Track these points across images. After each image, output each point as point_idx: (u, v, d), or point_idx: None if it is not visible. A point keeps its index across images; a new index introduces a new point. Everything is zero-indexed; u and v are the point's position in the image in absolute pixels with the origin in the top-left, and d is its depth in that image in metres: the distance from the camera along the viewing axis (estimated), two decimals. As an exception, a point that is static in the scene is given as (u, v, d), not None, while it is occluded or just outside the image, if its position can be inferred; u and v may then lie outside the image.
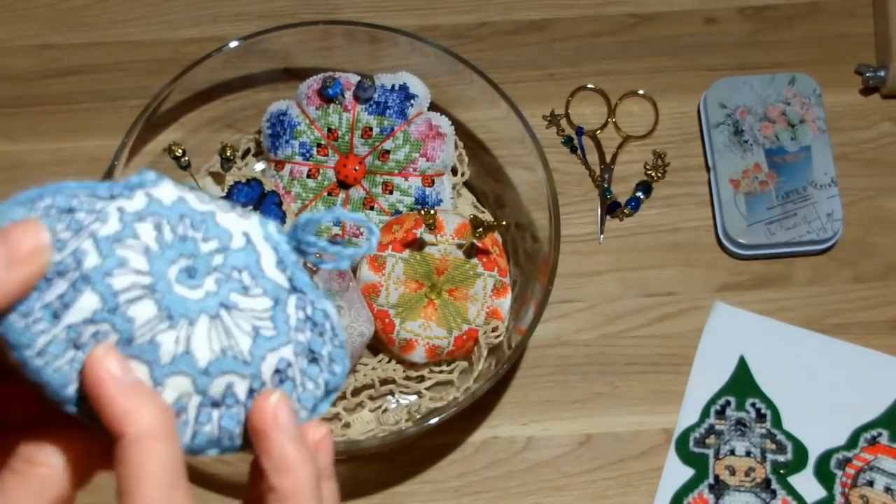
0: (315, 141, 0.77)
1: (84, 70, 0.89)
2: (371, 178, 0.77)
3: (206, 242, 0.38)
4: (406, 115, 0.77)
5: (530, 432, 0.79)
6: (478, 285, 0.75)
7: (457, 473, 0.78)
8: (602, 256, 0.84)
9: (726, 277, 0.83)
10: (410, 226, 0.74)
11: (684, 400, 0.79)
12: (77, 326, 0.37)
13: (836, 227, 0.82)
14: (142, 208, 0.38)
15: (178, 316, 0.37)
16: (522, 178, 0.79)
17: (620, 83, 0.89)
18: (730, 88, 0.86)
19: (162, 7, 0.91)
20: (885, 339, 0.82)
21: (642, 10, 0.91)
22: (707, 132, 0.86)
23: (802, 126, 0.85)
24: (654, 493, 0.77)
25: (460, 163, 0.81)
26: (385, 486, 0.78)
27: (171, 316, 0.37)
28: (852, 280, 0.83)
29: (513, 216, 0.80)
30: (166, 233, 0.38)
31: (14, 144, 0.87)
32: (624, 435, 0.79)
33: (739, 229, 0.82)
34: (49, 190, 0.37)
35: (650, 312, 0.82)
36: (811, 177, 0.83)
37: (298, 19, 0.88)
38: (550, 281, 0.72)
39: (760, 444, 0.77)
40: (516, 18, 0.91)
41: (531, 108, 0.87)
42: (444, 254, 0.74)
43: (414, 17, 0.90)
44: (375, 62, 0.80)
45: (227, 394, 0.38)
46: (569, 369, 0.81)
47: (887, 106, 0.88)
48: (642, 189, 0.85)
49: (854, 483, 0.76)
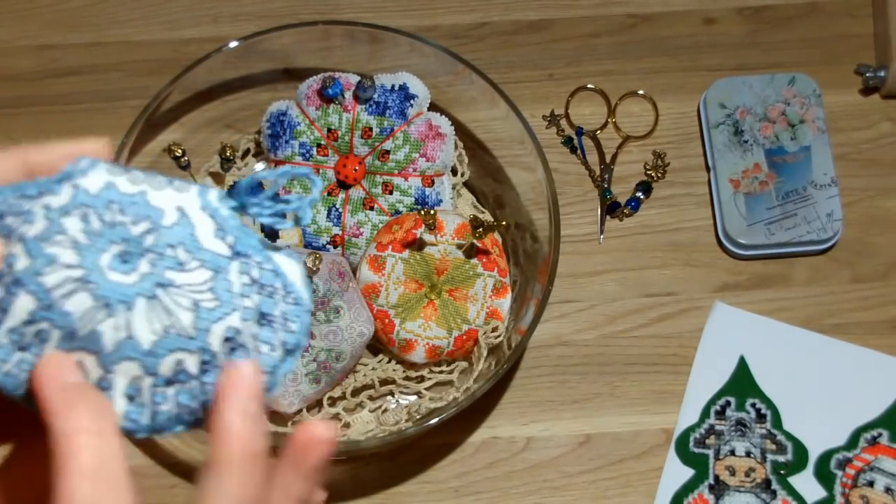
0: (315, 141, 0.77)
1: (84, 70, 0.89)
2: (371, 179, 0.77)
3: (136, 225, 0.38)
4: (406, 115, 0.77)
5: (530, 432, 0.79)
6: (477, 285, 0.75)
7: (457, 473, 0.78)
8: (602, 256, 0.84)
9: (726, 277, 0.83)
10: (410, 226, 0.74)
11: (684, 400, 0.79)
12: (18, 329, 0.38)
13: (836, 227, 0.82)
14: (67, 202, 0.38)
15: (116, 303, 0.38)
16: (522, 178, 0.79)
17: (620, 83, 0.89)
18: (729, 89, 0.86)
19: (162, 7, 0.91)
20: (885, 339, 0.82)
21: (642, 11, 0.91)
22: (707, 132, 0.86)
23: (802, 126, 0.85)
24: (654, 493, 0.77)
25: (460, 163, 0.81)
26: (385, 486, 0.78)
27: (108, 304, 0.38)
28: (852, 280, 0.83)
29: (513, 216, 0.80)
30: (94, 222, 0.38)
31: (14, 144, 0.87)
32: (624, 435, 0.79)
33: (739, 229, 0.82)
34: None
35: (650, 312, 0.82)
36: (811, 177, 0.83)
37: (298, 19, 0.88)
38: (550, 281, 0.72)
39: (760, 445, 0.77)
40: (516, 18, 0.91)
41: (531, 108, 0.87)
42: (443, 254, 0.74)
43: (413, 18, 0.90)
44: (375, 62, 0.80)
45: (179, 371, 0.39)
46: (568, 369, 0.81)
47: (887, 106, 0.89)
48: (642, 189, 0.85)
49: (854, 483, 0.76)
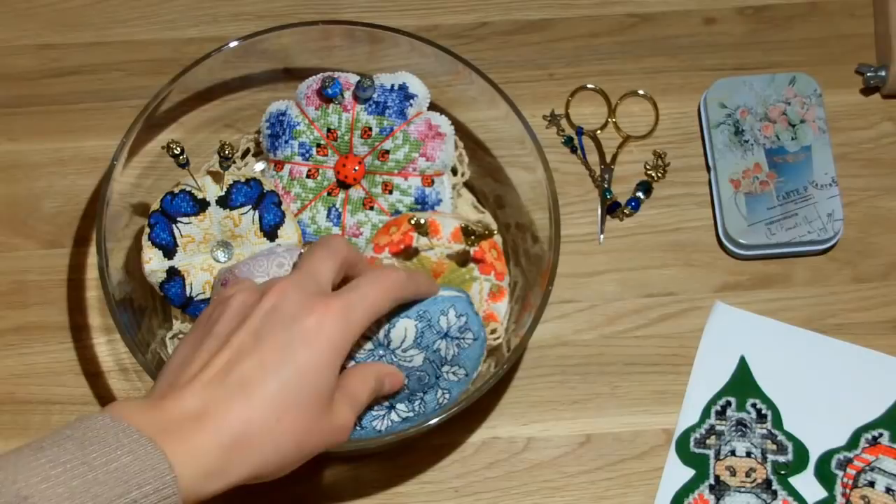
0: (314, 141, 0.77)
1: (84, 70, 0.89)
2: (371, 178, 0.77)
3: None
4: (405, 114, 0.77)
5: (530, 433, 0.79)
6: (474, 289, 0.75)
7: (457, 474, 0.78)
8: (602, 256, 0.84)
9: (726, 277, 0.83)
10: (407, 229, 0.74)
11: (685, 400, 0.79)
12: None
13: (837, 227, 0.82)
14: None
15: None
16: (522, 178, 0.79)
17: (620, 83, 0.89)
18: (730, 88, 0.86)
19: (162, 7, 0.91)
20: (886, 339, 0.82)
21: (642, 10, 0.91)
22: (707, 132, 0.86)
23: (803, 126, 0.85)
24: (655, 493, 0.77)
25: (460, 163, 0.81)
26: (385, 486, 0.78)
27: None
28: (852, 280, 0.83)
29: (513, 216, 0.80)
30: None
31: (14, 144, 0.87)
32: (624, 435, 0.79)
33: (739, 229, 0.82)
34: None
35: (650, 312, 0.82)
36: (811, 177, 0.83)
37: (298, 19, 0.88)
38: (550, 281, 0.71)
39: (761, 445, 0.77)
40: (516, 18, 0.91)
41: (531, 108, 0.87)
42: (440, 257, 0.74)
43: (413, 18, 0.90)
44: (375, 62, 0.80)
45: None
46: (569, 370, 0.81)
47: (887, 106, 0.88)
48: (642, 189, 0.85)
49: (855, 484, 0.76)
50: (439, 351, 0.68)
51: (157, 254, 0.72)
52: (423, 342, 0.67)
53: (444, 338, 0.67)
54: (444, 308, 0.67)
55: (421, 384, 0.69)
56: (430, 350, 0.67)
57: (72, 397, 0.79)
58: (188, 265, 0.72)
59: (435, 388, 0.70)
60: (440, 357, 0.68)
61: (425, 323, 0.66)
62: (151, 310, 0.77)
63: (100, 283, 0.71)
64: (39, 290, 0.82)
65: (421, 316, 0.66)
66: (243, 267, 0.68)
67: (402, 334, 0.66)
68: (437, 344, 0.67)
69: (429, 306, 0.66)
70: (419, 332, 0.66)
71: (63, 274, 0.83)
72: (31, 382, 0.80)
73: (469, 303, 0.69)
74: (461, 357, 0.69)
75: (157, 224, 0.72)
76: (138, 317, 0.74)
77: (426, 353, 0.67)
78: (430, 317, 0.66)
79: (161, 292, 0.73)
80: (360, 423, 0.68)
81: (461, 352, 0.69)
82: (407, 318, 0.66)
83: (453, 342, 0.68)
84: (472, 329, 0.69)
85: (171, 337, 0.76)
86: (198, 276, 0.72)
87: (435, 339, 0.67)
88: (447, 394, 0.70)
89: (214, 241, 0.73)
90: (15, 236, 0.84)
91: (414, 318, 0.66)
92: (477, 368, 0.71)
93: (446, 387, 0.70)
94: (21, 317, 0.82)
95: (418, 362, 0.67)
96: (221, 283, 0.69)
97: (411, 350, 0.67)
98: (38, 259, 0.83)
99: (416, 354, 0.67)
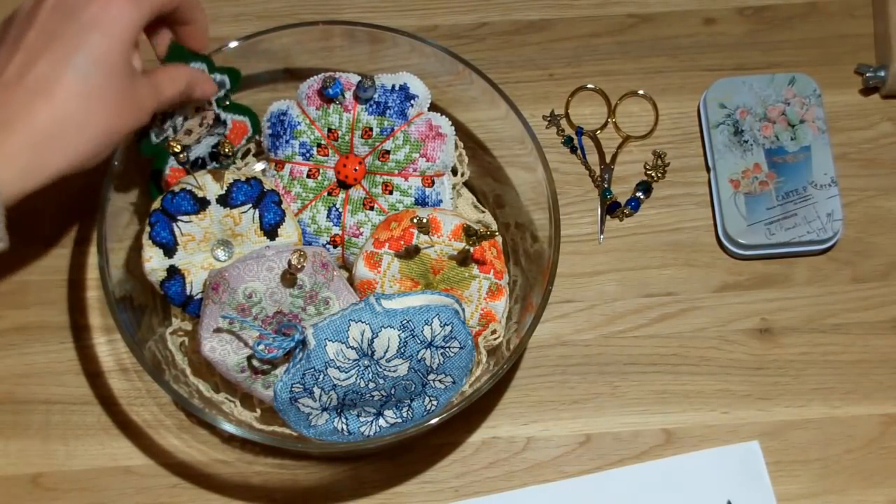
0: (315, 141, 0.77)
1: (84, 70, 0.89)
2: (371, 179, 0.77)
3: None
4: (406, 115, 0.77)
5: (530, 432, 0.79)
6: (472, 287, 0.75)
7: (457, 473, 0.78)
8: (602, 256, 0.84)
9: (726, 277, 0.83)
10: (408, 225, 0.74)
11: None
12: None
13: (836, 227, 0.82)
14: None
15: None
16: (522, 178, 0.79)
17: (620, 83, 0.89)
18: (729, 89, 0.86)
19: (162, 7, 0.91)
20: (886, 338, 0.82)
21: (642, 11, 0.91)
22: (707, 132, 0.86)
23: (802, 126, 0.85)
24: (654, 493, 0.77)
25: (460, 163, 0.81)
26: (385, 486, 0.78)
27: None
28: (852, 280, 0.83)
29: (513, 216, 0.80)
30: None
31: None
32: (624, 435, 0.79)
33: (739, 229, 0.82)
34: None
35: (650, 312, 0.82)
36: (811, 177, 0.83)
37: (298, 19, 0.88)
38: (550, 281, 0.72)
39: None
40: (516, 19, 0.91)
41: (531, 108, 0.87)
42: (440, 254, 0.74)
43: (413, 18, 0.90)
44: (376, 62, 0.80)
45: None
46: (568, 369, 0.81)
47: (887, 106, 0.89)
48: (642, 189, 0.85)
49: None
50: (424, 360, 0.68)
51: (158, 252, 0.72)
52: (406, 352, 0.67)
53: (429, 347, 0.68)
54: (429, 318, 0.67)
55: (408, 392, 0.69)
56: (415, 360, 0.68)
57: (72, 397, 0.80)
58: (188, 264, 0.72)
59: (422, 396, 0.70)
60: (425, 366, 0.69)
61: (408, 333, 0.67)
62: (151, 309, 0.77)
63: (100, 282, 0.71)
64: (39, 290, 0.82)
65: (404, 326, 0.67)
66: (233, 270, 0.69)
67: (386, 344, 0.67)
68: (422, 353, 0.68)
69: (412, 316, 0.67)
70: (402, 341, 0.67)
71: (63, 274, 0.83)
72: (31, 382, 0.80)
73: (456, 312, 0.69)
74: (447, 366, 0.70)
75: (158, 223, 0.72)
76: (138, 315, 0.74)
77: (411, 363, 0.68)
78: (414, 327, 0.67)
79: (161, 291, 0.73)
80: (348, 429, 0.69)
81: (447, 360, 0.69)
82: (390, 329, 0.67)
83: (438, 351, 0.69)
84: (458, 338, 0.69)
85: (171, 332, 0.75)
86: (198, 275, 0.72)
87: (419, 348, 0.68)
88: (435, 401, 0.71)
89: (215, 240, 0.73)
90: (15, 236, 0.84)
91: (397, 328, 0.67)
92: (465, 376, 0.71)
93: (433, 394, 0.71)
94: (21, 317, 0.82)
95: (403, 371, 0.68)
96: (212, 287, 0.69)
97: (395, 360, 0.67)
98: (38, 259, 0.83)
99: (401, 364, 0.68)
